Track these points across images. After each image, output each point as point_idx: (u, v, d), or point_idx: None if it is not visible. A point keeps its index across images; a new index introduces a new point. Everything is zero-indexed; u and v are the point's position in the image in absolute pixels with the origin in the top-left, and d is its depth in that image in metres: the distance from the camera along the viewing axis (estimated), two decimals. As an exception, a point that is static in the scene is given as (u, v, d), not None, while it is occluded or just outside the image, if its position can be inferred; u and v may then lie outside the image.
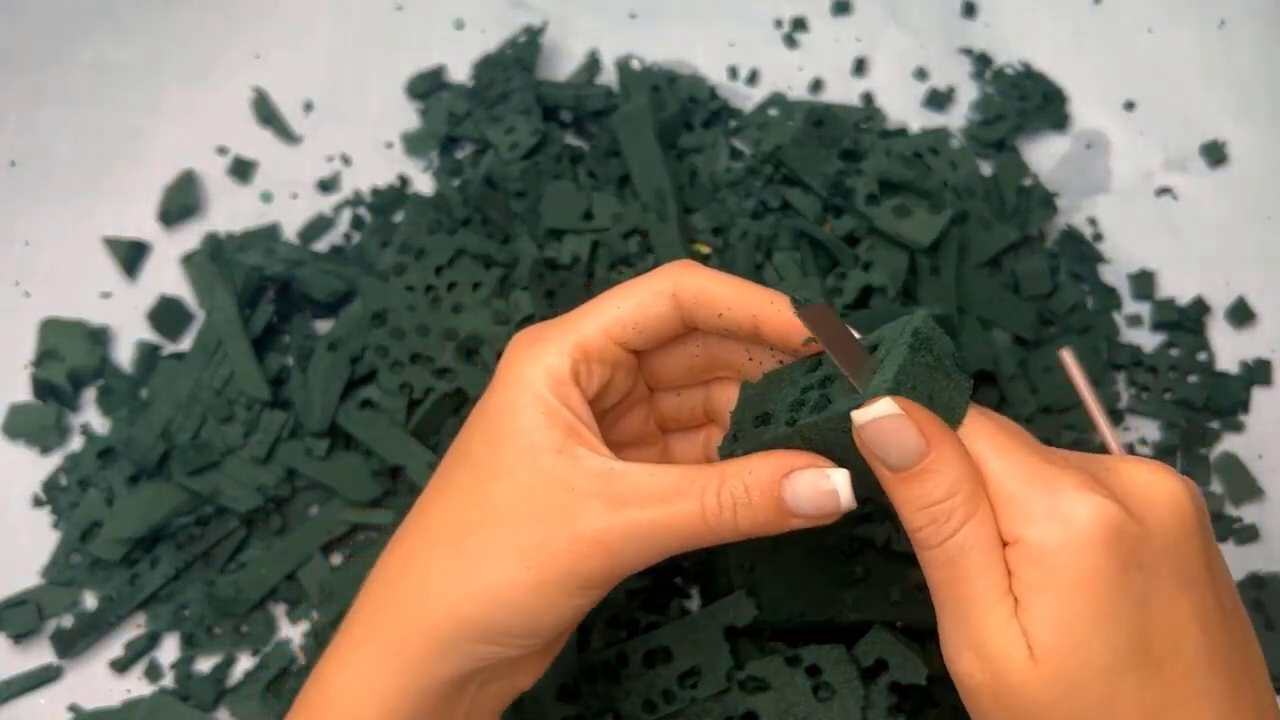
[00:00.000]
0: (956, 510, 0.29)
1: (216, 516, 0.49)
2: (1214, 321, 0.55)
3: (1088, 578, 0.28)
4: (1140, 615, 0.28)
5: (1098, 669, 0.28)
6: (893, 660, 0.41)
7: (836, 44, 0.62)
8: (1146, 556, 0.29)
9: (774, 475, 0.31)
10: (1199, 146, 0.59)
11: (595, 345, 0.33)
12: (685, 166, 0.55)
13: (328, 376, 0.49)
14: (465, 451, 0.34)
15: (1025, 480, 0.29)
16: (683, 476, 0.32)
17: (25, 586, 0.48)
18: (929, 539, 0.30)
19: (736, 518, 0.31)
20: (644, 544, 0.31)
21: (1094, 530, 0.28)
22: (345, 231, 0.57)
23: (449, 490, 0.34)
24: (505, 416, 0.33)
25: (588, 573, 0.31)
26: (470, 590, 0.32)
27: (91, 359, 0.52)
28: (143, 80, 0.61)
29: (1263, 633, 0.47)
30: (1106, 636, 0.28)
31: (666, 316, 0.34)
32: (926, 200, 0.51)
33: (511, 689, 0.36)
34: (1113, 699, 0.28)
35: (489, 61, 0.60)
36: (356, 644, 0.34)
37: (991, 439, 0.30)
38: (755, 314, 0.33)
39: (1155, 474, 0.30)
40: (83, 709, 0.46)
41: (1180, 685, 0.29)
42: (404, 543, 0.35)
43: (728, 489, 0.31)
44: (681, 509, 0.31)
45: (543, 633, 0.33)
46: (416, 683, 0.32)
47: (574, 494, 0.32)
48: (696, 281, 0.33)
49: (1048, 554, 0.28)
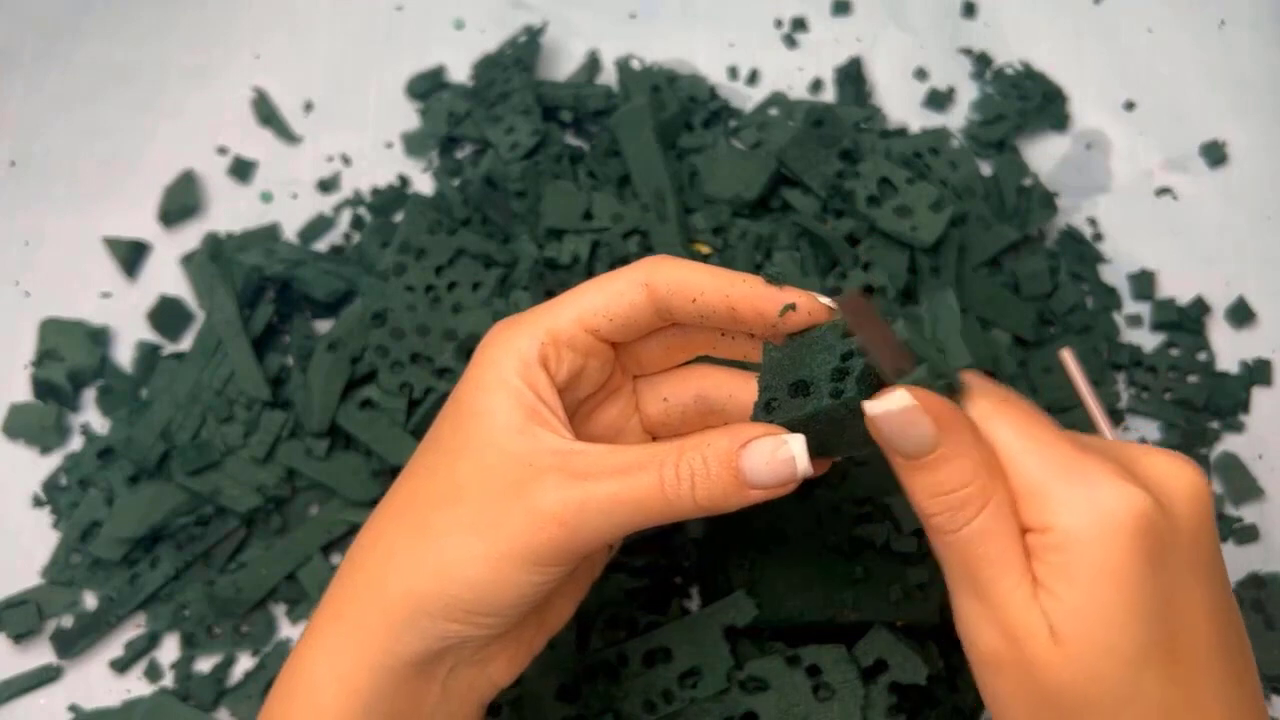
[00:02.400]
0: (973, 498, 0.29)
1: (216, 516, 0.49)
2: (1214, 321, 0.55)
3: (1118, 568, 0.28)
4: (1165, 608, 0.28)
5: (1121, 659, 0.28)
6: (893, 660, 0.41)
7: (836, 44, 0.62)
8: (1171, 550, 0.29)
9: (732, 446, 0.31)
10: (1199, 146, 0.59)
11: (567, 333, 0.34)
12: (685, 166, 0.55)
13: (328, 376, 0.49)
14: (436, 434, 0.35)
15: (1055, 467, 0.29)
16: (642, 451, 0.32)
17: (25, 586, 0.48)
18: (945, 525, 0.30)
19: (695, 490, 0.31)
20: (601, 519, 0.31)
21: (1128, 521, 0.28)
22: (345, 231, 0.57)
23: (417, 470, 0.35)
24: (473, 398, 0.34)
25: (542, 548, 0.31)
26: (428, 566, 0.32)
27: (91, 359, 0.53)
28: (143, 80, 0.61)
29: (1263, 632, 0.47)
30: (1132, 628, 0.28)
31: (640, 306, 0.34)
32: (943, 188, 0.51)
33: (486, 681, 0.36)
34: (1133, 690, 0.28)
35: (489, 61, 0.60)
36: (324, 626, 0.34)
37: (1018, 425, 0.30)
38: (728, 294, 0.33)
39: (1176, 465, 0.30)
40: (83, 709, 0.46)
41: (1196, 679, 0.29)
42: (372, 524, 0.35)
43: (685, 461, 0.31)
44: (640, 482, 0.31)
45: (501, 610, 0.32)
46: (379, 660, 0.33)
47: (532, 469, 0.32)
48: (670, 272, 0.34)
49: (1079, 542, 0.28)
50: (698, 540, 0.47)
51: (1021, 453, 0.30)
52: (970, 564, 0.30)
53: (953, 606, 0.31)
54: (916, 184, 0.51)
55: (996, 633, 0.29)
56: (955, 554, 0.30)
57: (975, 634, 0.30)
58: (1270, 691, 0.46)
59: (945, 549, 0.30)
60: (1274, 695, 0.46)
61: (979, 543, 0.29)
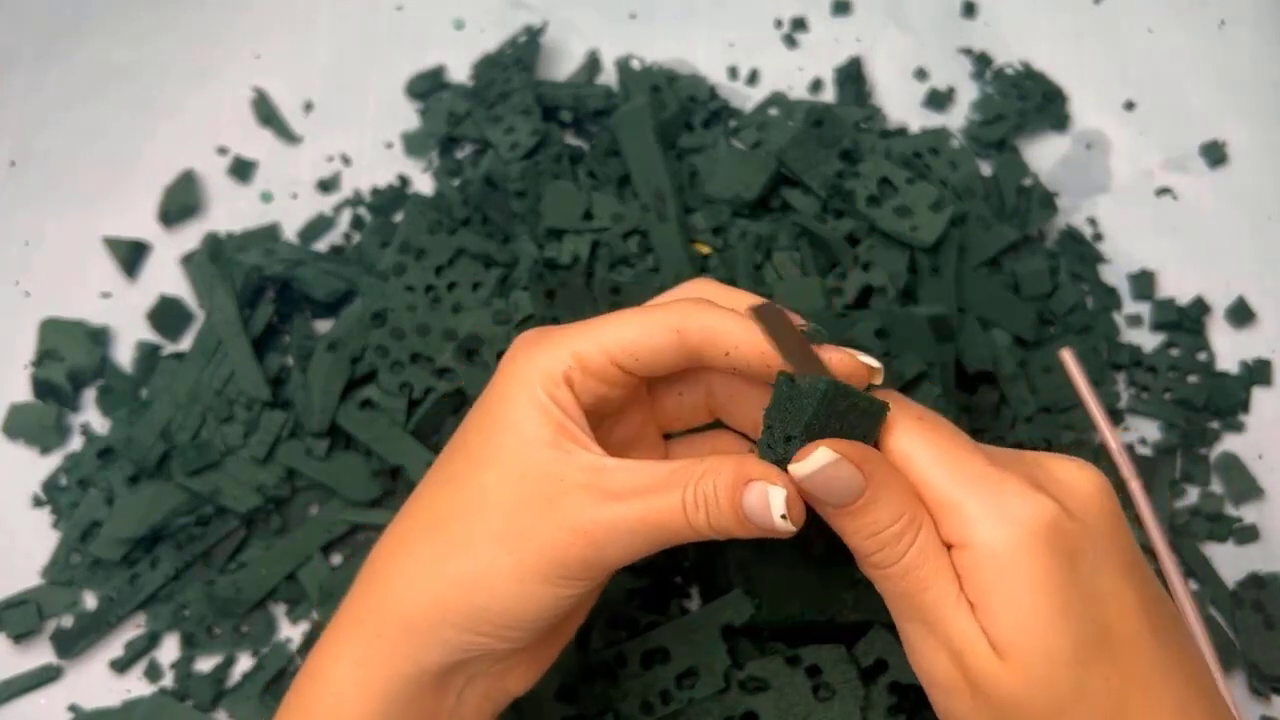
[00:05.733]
0: (905, 530, 0.30)
1: (216, 516, 0.49)
2: (1214, 321, 0.55)
3: (1039, 575, 0.29)
4: (1093, 605, 0.29)
5: (1063, 662, 0.29)
6: (893, 660, 0.41)
7: (836, 44, 0.62)
8: (1088, 549, 0.30)
9: (735, 481, 0.31)
10: (1199, 146, 0.59)
11: (594, 364, 0.33)
12: (685, 166, 0.55)
13: (328, 376, 0.49)
14: (462, 442, 0.35)
15: (968, 484, 0.30)
16: (670, 472, 0.32)
17: (25, 586, 0.48)
18: (884, 560, 0.30)
19: (708, 517, 0.31)
20: (629, 538, 0.31)
21: (1039, 529, 0.29)
22: (345, 231, 0.57)
23: (441, 478, 0.35)
24: (501, 409, 0.33)
25: (570, 563, 0.31)
26: (453, 576, 0.32)
27: (91, 359, 0.53)
28: (143, 80, 0.61)
29: (1263, 632, 0.47)
30: (1066, 629, 0.29)
31: (668, 351, 0.33)
32: (943, 188, 0.51)
33: (501, 691, 0.36)
34: (1082, 688, 0.29)
35: (489, 61, 0.60)
36: (344, 633, 0.34)
37: (930, 444, 0.31)
38: (765, 351, 0.32)
39: (1078, 468, 0.32)
40: (83, 709, 0.46)
41: (1140, 668, 0.30)
42: (395, 531, 0.35)
43: (700, 487, 0.31)
44: (666, 504, 0.31)
45: (525, 624, 0.32)
46: (400, 669, 0.32)
47: (563, 484, 0.32)
48: (703, 320, 0.33)
49: (998, 555, 0.29)
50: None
51: (936, 470, 0.31)
52: (911, 593, 0.30)
53: (902, 638, 0.32)
54: (916, 184, 0.51)
55: (944, 656, 0.30)
56: (896, 585, 0.31)
57: (925, 660, 0.31)
58: (1270, 691, 0.46)
59: (885, 581, 0.31)
60: (1274, 695, 0.46)
61: (916, 570, 0.30)
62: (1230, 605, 0.48)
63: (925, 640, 0.31)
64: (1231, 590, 0.48)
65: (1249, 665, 0.47)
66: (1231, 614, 0.48)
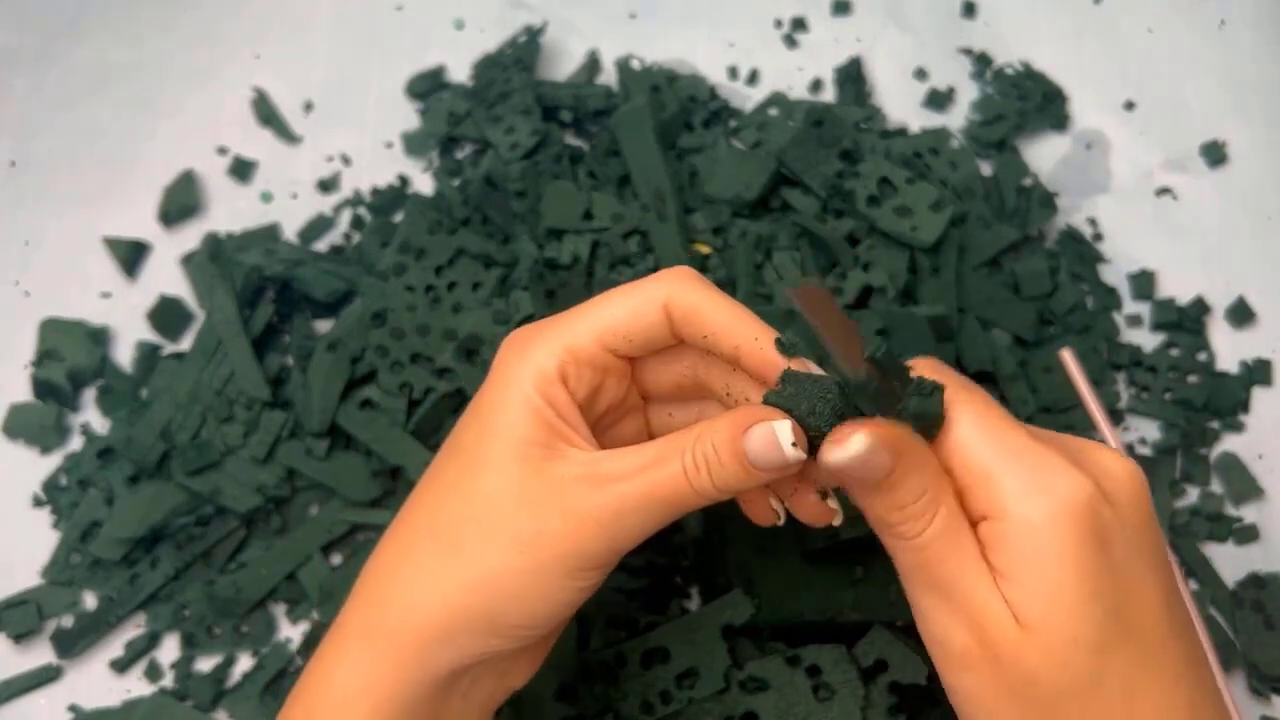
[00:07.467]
0: (931, 503, 0.30)
1: (216, 516, 0.49)
2: (1214, 321, 0.55)
3: (1073, 552, 0.29)
4: (1120, 593, 0.29)
5: (1086, 644, 0.29)
6: (893, 660, 0.41)
7: (836, 44, 0.62)
8: (1120, 536, 0.30)
9: (734, 431, 0.31)
10: (1199, 146, 0.59)
11: (586, 352, 0.33)
12: (685, 166, 0.55)
13: (328, 376, 0.49)
14: (457, 446, 0.35)
15: (1010, 456, 0.30)
16: (664, 444, 0.32)
17: (25, 586, 0.48)
18: (907, 532, 0.30)
19: (711, 476, 0.31)
20: (637, 515, 0.31)
21: (1077, 505, 0.29)
22: (345, 231, 0.57)
23: (438, 484, 0.35)
24: (495, 412, 0.33)
25: (585, 552, 0.32)
26: (465, 583, 0.32)
27: (91, 359, 0.53)
28: (143, 80, 0.61)
29: (1263, 632, 0.47)
30: (1093, 612, 0.29)
31: (658, 326, 0.34)
32: (943, 188, 0.51)
33: (503, 688, 0.36)
34: (1099, 674, 0.29)
35: (489, 61, 0.60)
36: (349, 640, 0.34)
37: (974, 414, 0.31)
38: (738, 345, 0.33)
39: (1117, 457, 0.32)
40: (83, 709, 0.46)
41: (1156, 661, 0.30)
42: (395, 537, 0.35)
43: (698, 449, 0.31)
44: (667, 473, 0.31)
45: (541, 621, 0.33)
46: (410, 675, 0.33)
47: (562, 481, 0.32)
48: (690, 298, 0.33)
49: (1035, 527, 0.29)
50: (697, 539, 0.47)
51: (977, 439, 0.30)
52: (933, 564, 0.30)
53: (916, 612, 0.32)
54: (916, 184, 0.51)
55: (964, 628, 0.30)
56: (916, 556, 0.31)
57: (943, 633, 0.31)
58: (1270, 691, 0.46)
59: (906, 553, 0.31)
60: (1274, 695, 0.46)
61: (940, 542, 0.30)
62: (1230, 605, 0.48)
63: (942, 611, 0.31)
64: (1231, 590, 0.48)
65: (1249, 665, 0.47)
66: (1231, 614, 0.48)
